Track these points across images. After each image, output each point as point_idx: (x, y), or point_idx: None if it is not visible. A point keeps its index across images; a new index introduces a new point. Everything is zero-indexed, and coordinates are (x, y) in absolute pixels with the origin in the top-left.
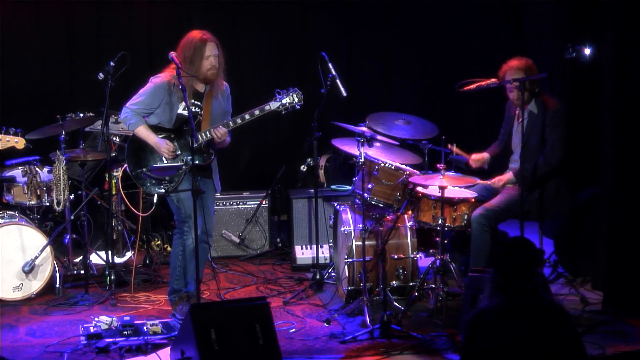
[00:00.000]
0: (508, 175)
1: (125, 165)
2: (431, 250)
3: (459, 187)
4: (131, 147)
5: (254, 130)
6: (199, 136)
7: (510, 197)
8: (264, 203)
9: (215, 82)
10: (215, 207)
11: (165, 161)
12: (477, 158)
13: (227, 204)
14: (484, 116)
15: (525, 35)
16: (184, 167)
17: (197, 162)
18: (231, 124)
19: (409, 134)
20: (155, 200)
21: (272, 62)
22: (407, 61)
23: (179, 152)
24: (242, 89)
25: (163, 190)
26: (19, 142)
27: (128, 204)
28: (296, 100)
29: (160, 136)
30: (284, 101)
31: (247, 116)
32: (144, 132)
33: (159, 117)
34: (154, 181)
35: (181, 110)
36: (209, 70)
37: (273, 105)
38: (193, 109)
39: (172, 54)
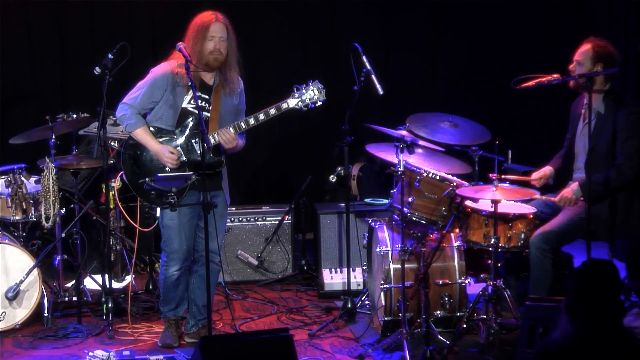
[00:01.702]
0: (573, 187)
1: (121, 174)
2: (482, 275)
3: (515, 201)
4: (127, 153)
5: (274, 134)
6: (210, 138)
7: (575, 215)
8: (286, 219)
9: (226, 74)
10: (230, 224)
11: (170, 169)
12: (539, 176)
13: (244, 220)
14: (546, 118)
15: (594, 26)
16: (193, 176)
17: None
18: (243, 126)
19: (456, 139)
20: (158, 214)
21: (294, 55)
22: (455, 54)
23: (184, 158)
24: (260, 86)
25: (169, 204)
26: None
27: (128, 219)
28: (317, 95)
29: (162, 140)
30: (303, 97)
31: (261, 116)
32: (143, 136)
33: (160, 114)
34: (157, 193)
35: (186, 104)
36: (212, 54)
37: (291, 102)
38: (200, 104)
39: (181, 45)
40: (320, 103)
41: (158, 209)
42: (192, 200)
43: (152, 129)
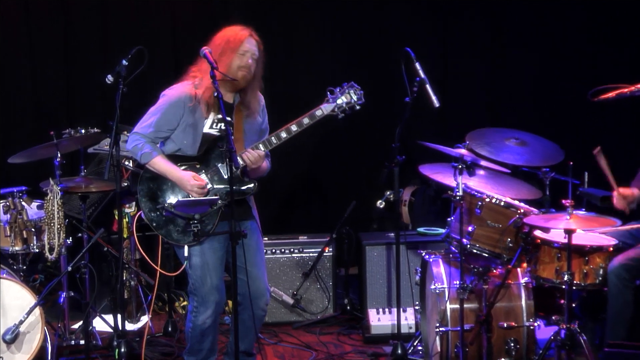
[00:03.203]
0: None
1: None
2: (554, 317)
3: (593, 231)
4: (144, 190)
5: (312, 153)
6: (239, 159)
7: None
8: (326, 251)
9: (247, 95)
10: None
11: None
12: (625, 194)
13: (278, 251)
14: (629, 135)
15: None
16: (219, 201)
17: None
18: (274, 141)
19: (523, 159)
20: (186, 254)
21: (336, 63)
22: (522, 61)
23: (210, 185)
24: (296, 98)
25: (191, 236)
26: None
27: (143, 253)
28: (355, 98)
29: (182, 167)
30: (339, 101)
31: (294, 127)
32: (161, 165)
33: (178, 142)
34: (178, 224)
35: (207, 128)
36: (240, 70)
37: (326, 108)
38: (223, 126)
39: (206, 50)
40: (358, 107)
41: (185, 248)
42: (225, 236)
43: (170, 158)
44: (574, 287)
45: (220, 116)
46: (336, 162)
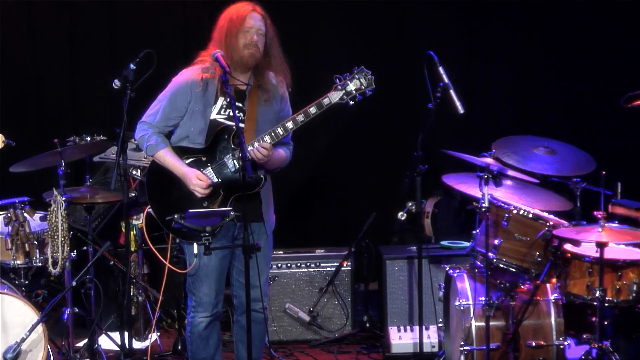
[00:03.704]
0: None
1: (148, 208)
2: (585, 335)
3: (626, 244)
4: (152, 181)
5: (330, 162)
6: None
7: None
8: (345, 265)
9: (264, 77)
10: (277, 271)
11: (199, 197)
12: None
13: (293, 266)
14: None
15: None
16: (232, 213)
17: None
18: (280, 132)
19: (553, 168)
20: (195, 251)
21: (354, 66)
22: (551, 65)
23: (215, 180)
24: (313, 98)
25: (202, 245)
26: None
27: (158, 255)
28: (365, 84)
29: (189, 161)
30: (348, 88)
31: (300, 117)
32: (166, 158)
33: (185, 128)
34: (188, 231)
35: (215, 114)
36: (247, 48)
37: (334, 96)
38: (232, 113)
39: (218, 54)
40: (369, 93)
41: (195, 246)
42: (225, 234)
43: (177, 149)
44: (606, 304)
45: (229, 100)
46: (355, 172)
